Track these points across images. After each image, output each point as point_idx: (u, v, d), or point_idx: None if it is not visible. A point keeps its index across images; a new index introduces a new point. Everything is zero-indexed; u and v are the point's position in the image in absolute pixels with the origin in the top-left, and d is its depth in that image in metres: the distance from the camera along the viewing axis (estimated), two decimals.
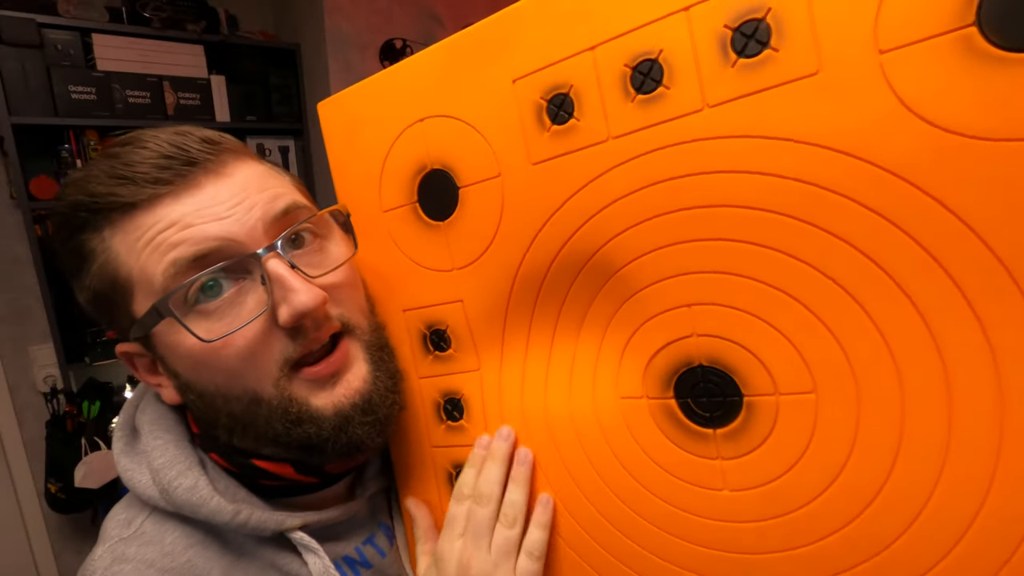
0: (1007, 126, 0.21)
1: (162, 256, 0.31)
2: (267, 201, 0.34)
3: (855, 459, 0.26)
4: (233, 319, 0.32)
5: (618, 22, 0.28)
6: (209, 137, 0.34)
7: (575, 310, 0.34)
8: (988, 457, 0.23)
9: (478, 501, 0.35)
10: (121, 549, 0.34)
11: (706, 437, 0.30)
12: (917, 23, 0.22)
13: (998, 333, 0.23)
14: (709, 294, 0.29)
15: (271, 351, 0.33)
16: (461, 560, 0.35)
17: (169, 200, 0.32)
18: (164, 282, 0.31)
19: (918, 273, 0.24)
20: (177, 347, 0.33)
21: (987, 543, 0.24)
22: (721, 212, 0.27)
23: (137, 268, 0.32)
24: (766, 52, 0.25)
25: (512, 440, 0.36)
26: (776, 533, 0.28)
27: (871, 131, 0.23)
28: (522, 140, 0.32)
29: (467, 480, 0.37)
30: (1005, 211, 0.22)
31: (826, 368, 0.26)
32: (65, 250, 0.35)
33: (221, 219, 0.32)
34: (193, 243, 0.31)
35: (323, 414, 0.34)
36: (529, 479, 0.35)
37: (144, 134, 0.34)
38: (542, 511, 0.35)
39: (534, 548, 0.34)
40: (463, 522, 0.36)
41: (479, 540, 0.35)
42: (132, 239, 0.32)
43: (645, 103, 0.28)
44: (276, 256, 0.32)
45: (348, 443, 0.34)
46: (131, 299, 0.33)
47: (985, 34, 0.21)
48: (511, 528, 0.34)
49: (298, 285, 0.32)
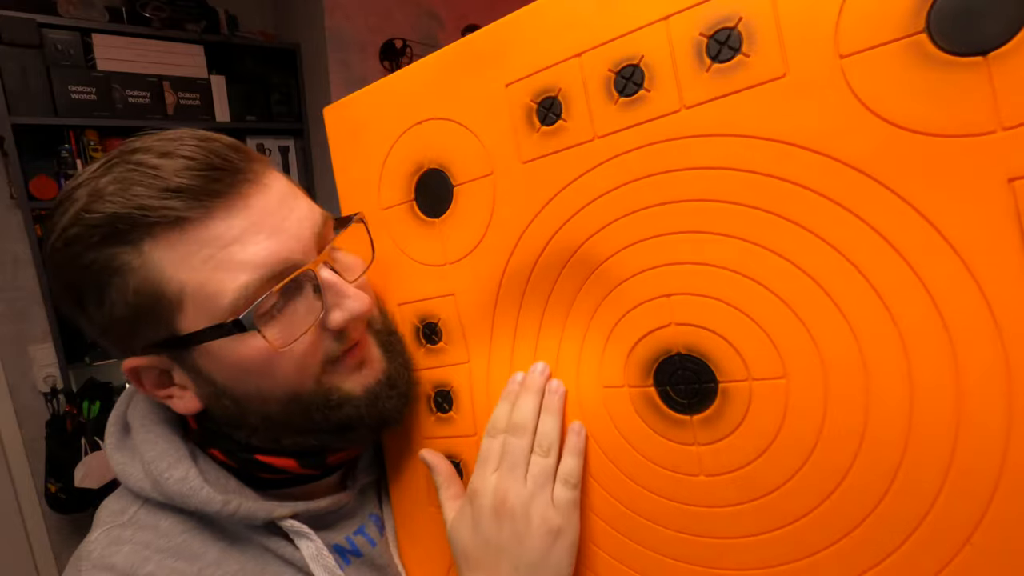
0: (953, 122, 0.23)
1: (231, 275, 0.31)
2: (308, 214, 0.35)
3: (823, 443, 0.27)
4: (291, 328, 0.33)
5: (603, 30, 0.30)
6: (236, 145, 0.34)
7: (560, 303, 0.35)
8: (947, 437, 0.25)
9: (513, 432, 0.35)
10: (117, 532, 0.35)
11: (683, 423, 0.31)
12: (873, 30, 0.24)
13: (954, 320, 0.24)
14: (686, 284, 0.30)
15: (318, 351, 0.35)
16: (497, 493, 0.34)
17: (222, 213, 0.31)
18: (234, 301, 0.31)
19: (878, 261, 0.25)
20: (228, 357, 0.33)
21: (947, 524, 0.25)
22: (697, 206, 0.29)
23: (194, 284, 0.32)
24: (738, 57, 0.27)
25: (547, 374, 0.36)
26: (749, 517, 0.29)
27: (833, 129, 0.25)
28: (513, 140, 0.34)
29: (501, 415, 0.36)
30: (953, 200, 0.23)
31: (795, 354, 0.27)
32: (79, 265, 0.32)
33: (277, 235, 0.33)
34: (260, 264, 0.32)
35: (356, 394, 0.36)
36: (562, 408, 0.35)
37: (171, 143, 0.32)
38: (576, 438, 0.35)
39: (570, 476, 0.34)
40: (497, 456, 0.35)
41: (515, 471, 0.34)
42: (184, 253, 0.31)
43: (627, 105, 0.30)
44: (325, 265, 0.34)
45: (379, 417, 0.37)
46: (177, 313, 0.32)
47: (934, 40, 0.23)
48: (547, 457, 0.34)
49: (351, 292, 0.35)
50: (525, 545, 0.33)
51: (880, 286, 0.25)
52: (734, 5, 0.27)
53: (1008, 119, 0.22)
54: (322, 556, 0.37)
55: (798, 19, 0.25)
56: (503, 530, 0.33)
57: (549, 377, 0.36)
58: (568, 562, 0.33)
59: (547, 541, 0.33)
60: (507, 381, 0.37)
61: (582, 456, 0.35)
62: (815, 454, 0.27)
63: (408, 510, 0.43)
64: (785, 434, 0.28)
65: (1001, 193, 0.22)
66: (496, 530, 0.34)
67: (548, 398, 0.35)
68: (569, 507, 0.34)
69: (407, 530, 0.43)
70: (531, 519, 0.33)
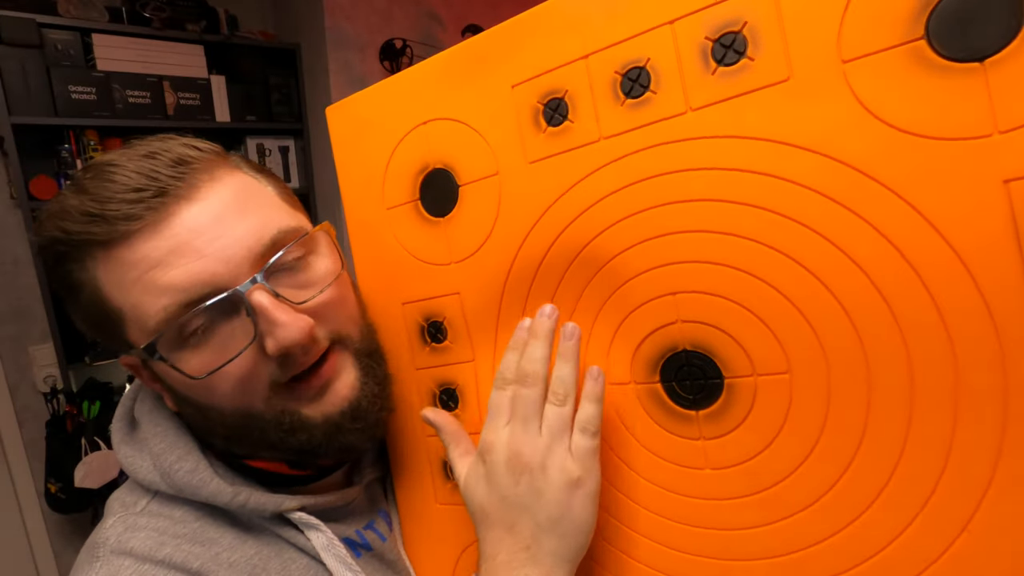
0: (951, 126, 0.24)
1: (153, 299, 0.32)
2: (251, 232, 0.33)
3: (826, 436, 0.28)
4: (223, 351, 0.32)
5: (609, 33, 0.31)
6: (181, 157, 0.33)
7: (566, 301, 0.35)
8: (945, 429, 0.25)
9: (523, 383, 0.33)
10: (133, 519, 0.35)
11: (689, 418, 0.32)
12: (875, 36, 0.25)
13: (952, 316, 0.25)
14: (692, 282, 0.31)
15: (260, 376, 0.34)
16: (511, 447, 0.32)
17: (146, 234, 0.31)
18: (156, 325, 0.32)
19: (880, 259, 0.26)
20: (171, 373, 0.34)
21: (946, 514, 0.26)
22: (703, 206, 0.30)
23: (128, 305, 0.33)
24: (743, 61, 0.28)
25: (556, 317, 0.34)
26: (754, 509, 0.30)
27: (836, 131, 0.26)
28: (519, 141, 0.35)
29: (509, 364, 0.34)
30: (951, 200, 0.24)
31: (799, 350, 0.28)
32: (54, 277, 0.35)
33: (203, 256, 0.32)
34: (181, 289, 0.31)
35: (314, 422, 0.35)
36: (578, 353, 0.33)
37: (113, 161, 0.33)
38: (593, 384, 0.33)
39: (588, 423, 0.32)
40: (508, 408, 0.33)
41: (528, 424, 0.32)
42: (118, 276, 0.32)
43: (634, 107, 0.31)
44: (260, 288, 0.32)
45: (340, 448, 0.36)
46: (124, 329, 0.34)
47: (932, 46, 0.24)
48: (563, 405, 0.32)
49: (283, 318, 0.32)
50: (544, 499, 0.31)
51: (881, 283, 0.26)
52: (739, 9, 0.27)
53: (1003, 123, 0.23)
54: (333, 546, 0.37)
55: (802, 24, 0.26)
56: (520, 485, 0.32)
57: (559, 320, 0.34)
58: (591, 512, 0.32)
59: (567, 493, 0.31)
60: None
61: (601, 403, 0.33)
62: (818, 447, 0.28)
63: (413, 508, 0.43)
64: (789, 428, 0.29)
65: (997, 194, 0.23)
66: (512, 485, 0.32)
67: (563, 344, 0.33)
68: (588, 455, 0.32)
69: (413, 528, 0.43)
70: (548, 472, 0.31)
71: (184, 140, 0.35)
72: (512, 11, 0.34)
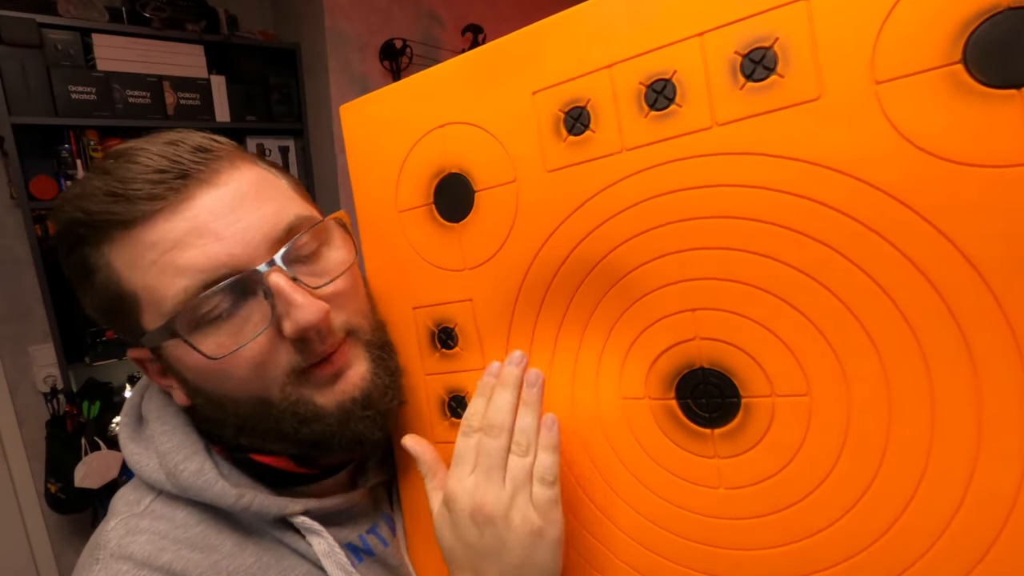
0: (988, 154, 0.23)
1: (171, 280, 0.32)
2: (268, 218, 0.34)
3: (845, 458, 0.28)
4: (239, 334, 0.33)
5: (635, 43, 0.30)
6: (201, 145, 0.34)
7: (580, 312, 0.35)
8: (967, 457, 0.25)
9: (489, 432, 0.34)
10: (134, 522, 0.35)
11: (704, 437, 0.31)
12: (910, 58, 0.24)
13: (978, 342, 0.24)
14: (712, 299, 0.30)
15: (278, 361, 0.34)
16: (475, 498, 0.33)
17: (167, 215, 0.32)
18: (174, 306, 0.32)
19: (906, 285, 0.26)
20: (186, 358, 0.34)
21: (965, 540, 0.25)
22: (726, 223, 0.29)
23: (143, 286, 0.33)
24: (772, 77, 0.27)
25: (524, 364, 0.35)
26: (768, 530, 0.30)
27: (866, 153, 0.25)
28: (539, 148, 0.34)
29: (476, 411, 0.35)
30: (984, 229, 0.24)
31: (820, 372, 0.28)
32: (68, 263, 0.35)
33: (222, 239, 0.32)
34: (200, 269, 0.31)
35: (327, 410, 0.35)
36: (540, 402, 0.35)
37: (136, 146, 0.34)
38: (547, 433, 0.34)
39: (546, 472, 0.33)
40: (473, 457, 0.34)
41: (492, 474, 0.33)
42: (134, 256, 0.32)
43: (658, 119, 0.30)
44: (278, 270, 0.33)
45: (351, 437, 0.36)
46: (139, 313, 0.34)
47: (970, 71, 0.23)
48: (525, 456, 0.33)
49: (300, 299, 0.33)
50: (508, 548, 0.32)
51: (905, 308, 0.26)
52: (770, 25, 0.27)
53: None
54: (334, 553, 0.37)
55: (834, 43, 0.26)
56: (484, 535, 0.33)
57: (526, 368, 0.35)
58: (553, 559, 0.33)
59: (529, 542, 0.32)
60: None
61: (557, 452, 0.34)
62: (836, 469, 0.28)
63: (419, 513, 0.43)
64: (807, 449, 0.28)
65: None
66: (477, 535, 0.33)
67: (526, 392, 0.35)
68: (549, 505, 0.33)
69: (417, 533, 0.43)
70: (512, 522, 0.32)
71: (203, 133, 0.35)
72: (512, 11, 0.34)
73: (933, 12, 0.24)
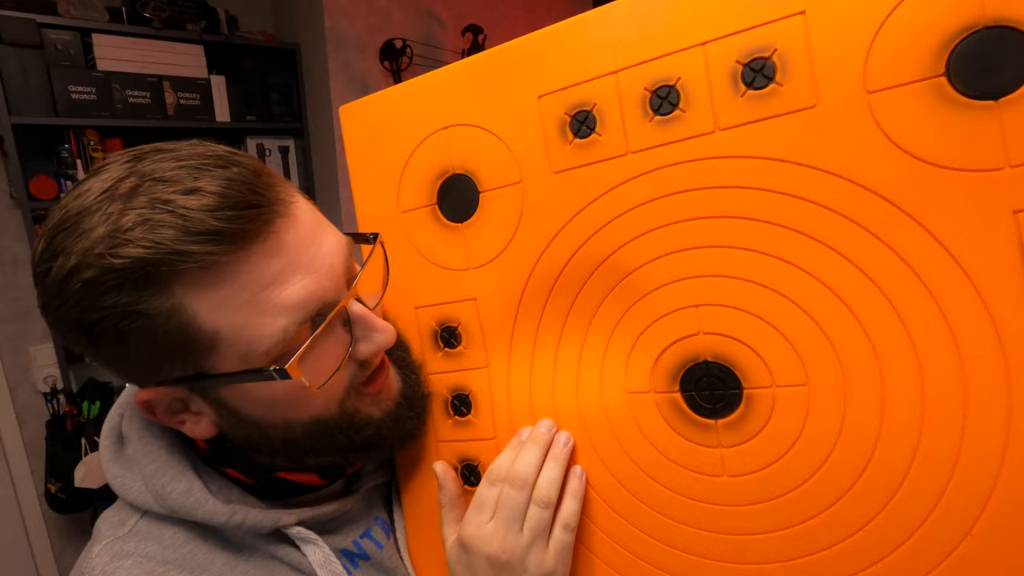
0: (966, 157, 0.25)
1: (270, 319, 0.31)
2: (337, 245, 0.34)
3: (841, 445, 0.29)
4: (319, 361, 0.33)
5: (640, 51, 0.32)
6: (259, 169, 0.32)
7: (584, 310, 0.36)
8: (953, 443, 0.27)
9: (512, 484, 0.35)
10: (119, 546, 0.34)
11: (708, 427, 0.33)
12: (899, 70, 0.26)
13: (963, 334, 0.26)
14: (715, 296, 0.32)
15: (343, 380, 0.35)
16: (493, 544, 0.35)
17: (258, 254, 0.30)
18: (272, 345, 0.31)
19: (896, 279, 0.27)
20: (257, 393, 0.33)
21: (951, 519, 0.27)
22: (727, 222, 0.31)
23: (229, 327, 0.30)
24: (772, 86, 0.29)
25: (554, 431, 0.37)
26: (769, 515, 0.31)
27: (859, 157, 0.27)
28: (544, 151, 0.35)
29: (503, 463, 0.37)
30: (964, 226, 0.26)
31: (817, 363, 0.30)
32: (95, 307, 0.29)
33: (312, 273, 0.32)
34: (300, 307, 0.31)
35: (377, 417, 0.37)
36: (567, 459, 0.36)
37: (194, 173, 0.30)
38: (576, 482, 0.36)
39: (570, 519, 0.35)
40: (493, 506, 0.36)
41: (511, 524, 0.35)
42: (220, 297, 0.30)
43: (662, 123, 0.32)
44: (354, 298, 0.34)
45: (401, 435, 0.39)
46: (210, 355, 0.31)
47: (953, 83, 0.25)
48: (546, 509, 0.35)
49: (379, 324, 0.35)
50: None
51: (896, 301, 0.27)
52: (770, 36, 0.28)
53: (1015, 157, 0.24)
54: (329, 562, 0.37)
55: (830, 54, 0.27)
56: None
57: (556, 431, 0.37)
58: None
59: None
60: (526, 386, 0.38)
61: (581, 500, 0.36)
62: (833, 456, 0.29)
63: (420, 515, 0.43)
64: (805, 437, 0.30)
65: (1006, 223, 0.25)
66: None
67: (556, 448, 0.37)
68: (565, 549, 0.35)
69: (419, 535, 0.43)
70: (527, 567, 0.35)
71: (224, 147, 0.32)
72: (512, 12, 0.35)
73: (920, 28, 0.26)
